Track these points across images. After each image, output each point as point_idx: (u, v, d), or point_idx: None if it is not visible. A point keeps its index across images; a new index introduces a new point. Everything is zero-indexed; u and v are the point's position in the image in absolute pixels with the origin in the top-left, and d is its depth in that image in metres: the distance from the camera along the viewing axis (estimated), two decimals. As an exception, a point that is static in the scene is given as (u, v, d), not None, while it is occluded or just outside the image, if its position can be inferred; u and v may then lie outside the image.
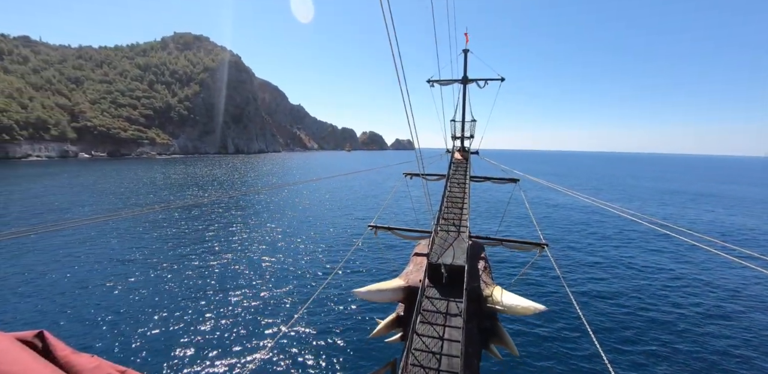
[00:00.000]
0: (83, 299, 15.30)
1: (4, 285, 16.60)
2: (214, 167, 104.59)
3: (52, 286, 16.50)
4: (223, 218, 29.79)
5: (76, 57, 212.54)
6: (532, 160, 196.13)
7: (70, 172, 79.52)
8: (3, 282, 16.93)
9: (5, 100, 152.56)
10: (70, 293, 15.78)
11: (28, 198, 38.30)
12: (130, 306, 15.02)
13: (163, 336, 12.95)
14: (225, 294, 16.08)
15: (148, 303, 15.32)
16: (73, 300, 15.14)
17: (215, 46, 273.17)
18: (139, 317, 14.13)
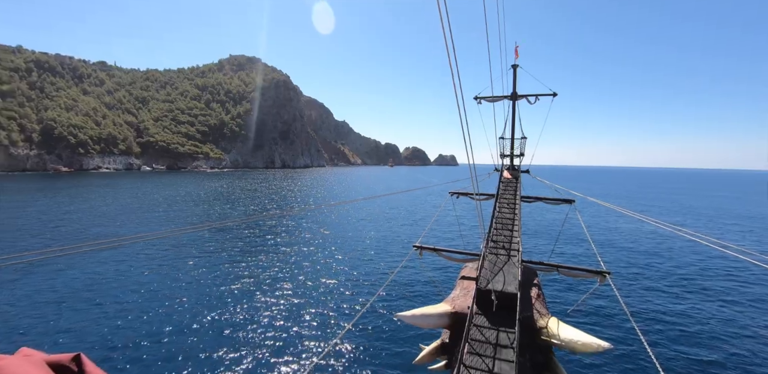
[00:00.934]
0: (127, 320, 14.52)
1: (43, 301, 16.10)
2: (261, 181, 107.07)
3: (93, 305, 15.88)
4: (267, 236, 29.09)
5: (144, 79, 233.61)
6: (582, 178, 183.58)
7: (133, 184, 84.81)
8: (41, 298, 16.44)
9: (83, 118, 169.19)
10: (113, 312, 15.10)
11: (86, 210, 39.93)
12: (172, 326, 14.30)
13: (202, 358, 12.25)
14: (265, 315, 15.25)
15: (190, 321, 14.67)
16: (116, 320, 14.43)
17: (266, 67, 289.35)
18: (182, 338, 13.42)
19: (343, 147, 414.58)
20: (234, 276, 19.88)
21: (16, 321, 14.35)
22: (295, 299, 16.99)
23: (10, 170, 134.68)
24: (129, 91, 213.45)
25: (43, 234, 29.41)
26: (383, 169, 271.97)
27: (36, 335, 13.31)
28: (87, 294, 17.16)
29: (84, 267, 21.05)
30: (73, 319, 14.53)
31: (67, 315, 14.85)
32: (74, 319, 14.53)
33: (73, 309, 15.42)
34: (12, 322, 14.26)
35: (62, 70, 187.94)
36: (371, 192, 68.58)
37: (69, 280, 18.98)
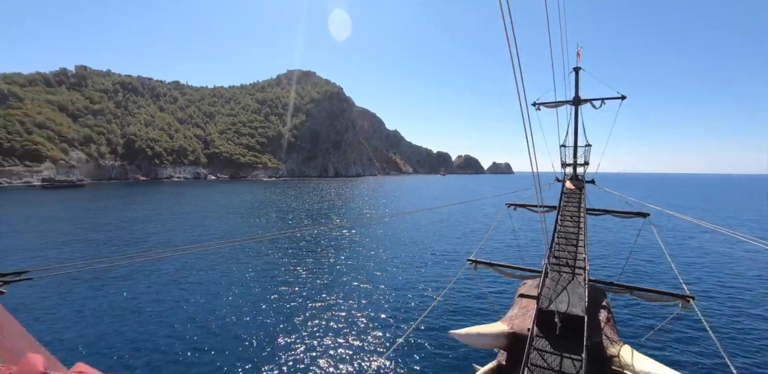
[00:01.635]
0: (182, 332, 14.15)
1: (99, 310, 16.04)
2: (313, 190, 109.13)
3: (154, 315, 15.66)
4: (318, 247, 28.54)
5: (211, 95, 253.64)
6: (657, 187, 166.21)
7: (200, 192, 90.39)
8: (95, 305, 16.44)
9: (159, 132, 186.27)
10: (170, 323, 14.77)
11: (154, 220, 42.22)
12: (222, 334, 14.01)
13: (249, 368, 11.74)
14: (314, 328, 14.53)
15: (241, 331, 14.29)
16: (171, 331, 14.13)
17: (320, 80, 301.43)
18: (231, 347, 13.06)
19: (394, 156, 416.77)
20: (285, 287, 19.22)
21: (78, 329, 14.20)
22: (344, 312, 16.18)
23: (99, 179, 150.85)
24: (198, 106, 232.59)
25: (112, 241, 31.08)
26: (435, 178, 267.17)
27: (91, 346, 12.98)
28: (148, 303, 16.94)
29: (152, 275, 21.12)
30: (128, 329, 14.19)
31: (125, 325, 14.58)
32: (129, 329, 14.19)
33: (131, 319, 15.19)
34: (72, 331, 14.10)
35: (143, 89, 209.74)
36: (423, 202, 66.05)
37: (129, 288, 18.98)
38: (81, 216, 45.74)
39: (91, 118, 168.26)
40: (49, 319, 15.06)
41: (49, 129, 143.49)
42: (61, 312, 15.81)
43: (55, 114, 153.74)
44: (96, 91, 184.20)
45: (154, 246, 28.26)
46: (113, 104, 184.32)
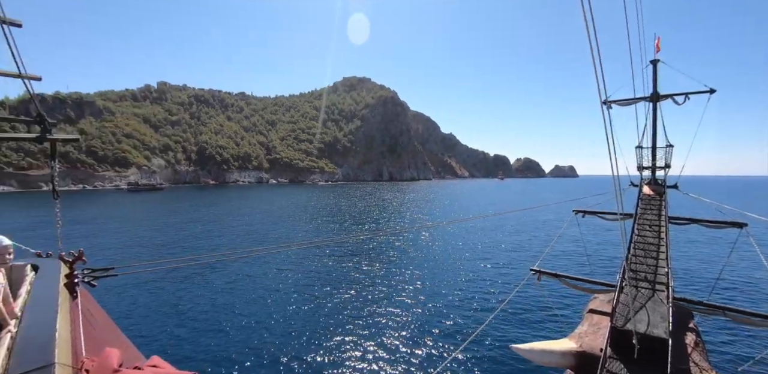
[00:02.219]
0: (243, 332, 13.95)
1: (168, 311, 16.09)
2: (368, 194, 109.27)
3: (208, 317, 15.62)
4: (372, 254, 27.30)
5: (273, 104, 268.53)
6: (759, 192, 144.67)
7: (264, 194, 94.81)
8: (165, 308, 16.48)
9: (227, 140, 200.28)
10: (228, 327, 14.49)
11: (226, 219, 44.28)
12: (273, 337, 13.65)
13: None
14: (363, 337, 13.66)
15: (295, 333, 13.87)
16: (234, 336, 13.80)
17: (374, 85, 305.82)
18: (287, 351, 12.59)
19: (449, 159, 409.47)
20: (338, 294, 18.38)
21: (153, 323, 14.48)
22: (397, 320, 15.03)
23: (175, 183, 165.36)
24: (261, 115, 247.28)
25: (186, 241, 32.46)
26: (492, 182, 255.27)
27: (163, 339, 13.15)
28: (217, 301, 16.95)
29: (222, 275, 21.29)
30: (198, 325, 14.31)
31: (195, 321, 14.74)
32: (199, 325, 14.30)
33: (201, 316, 15.33)
34: (147, 324, 14.38)
35: (213, 101, 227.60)
36: (480, 208, 61.84)
37: (200, 287, 19.17)
38: (161, 217, 49.18)
39: (170, 128, 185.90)
40: (127, 312, 15.48)
41: (135, 138, 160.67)
42: (137, 307, 16.21)
43: (140, 125, 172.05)
44: (174, 104, 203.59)
45: (221, 248, 28.77)
46: (188, 115, 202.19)
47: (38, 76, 3.84)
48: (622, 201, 5.03)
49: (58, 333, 2.35)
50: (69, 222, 42.09)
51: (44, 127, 3.77)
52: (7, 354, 2.12)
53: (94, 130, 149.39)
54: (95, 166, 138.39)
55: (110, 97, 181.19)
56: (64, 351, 2.21)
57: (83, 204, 68.23)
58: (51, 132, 3.84)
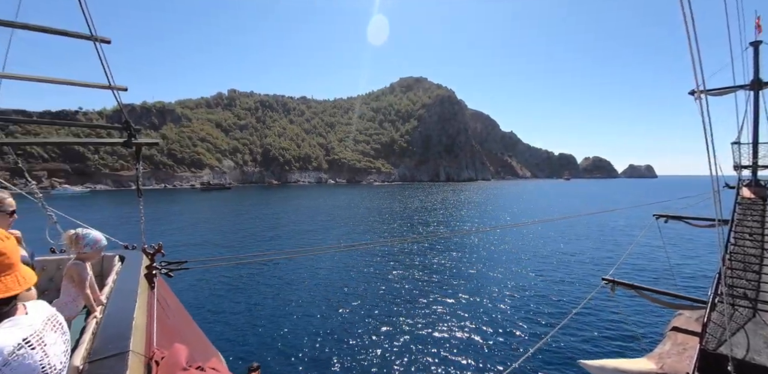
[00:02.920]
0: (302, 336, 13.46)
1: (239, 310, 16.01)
2: (426, 195, 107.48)
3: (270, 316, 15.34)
4: (424, 257, 25.82)
5: (332, 107, 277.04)
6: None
7: (323, 194, 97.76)
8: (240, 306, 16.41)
9: (289, 142, 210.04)
10: (287, 326, 14.22)
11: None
12: (328, 337, 13.01)
13: None
14: (418, 346, 12.50)
15: (355, 335, 13.13)
16: (289, 335, 13.54)
17: (431, 85, 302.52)
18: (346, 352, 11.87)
19: (510, 159, 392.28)
20: (391, 298, 17.41)
21: (218, 317, 14.59)
22: (455, 330, 13.83)
23: (243, 182, 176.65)
24: (321, 118, 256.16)
25: (251, 239, 33.44)
26: (556, 183, 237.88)
27: (226, 334, 13.03)
28: (281, 299, 16.79)
29: (285, 273, 21.25)
30: (261, 322, 14.16)
31: (257, 318, 14.62)
32: (262, 321, 14.16)
33: (263, 313, 15.19)
34: (214, 317, 14.50)
35: (276, 105, 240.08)
36: (542, 211, 57.04)
37: (266, 284, 19.11)
38: (230, 214, 51.94)
39: (238, 131, 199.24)
40: (195, 304, 15.66)
41: (209, 142, 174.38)
42: (205, 299, 16.43)
43: (212, 130, 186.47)
44: (242, 110, 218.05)
45: (284, 245, 29.11)
46: (255, 119, 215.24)
47: (124, 86, 4.21)
48: (721, 205, 4.27)
49: (135, 322, 2.47)
50: (151, 218, 45.70)
51: (130, 133, 4.18)
52: (92, 338, 2.26)
53: (174, 134, 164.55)
54: (174, 167, 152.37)
55: (188, 105, 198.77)
56: (138, 340, 2.31)
57: (165, 202, 74.75)
58: (136, 137, 4.24)
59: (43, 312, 1.32)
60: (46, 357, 1.16)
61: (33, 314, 1.29)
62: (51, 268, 4.14)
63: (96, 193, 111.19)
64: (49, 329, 1.26)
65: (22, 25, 3.62)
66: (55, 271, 4.12)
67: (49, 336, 1.23)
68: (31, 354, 1.12)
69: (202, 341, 4.78)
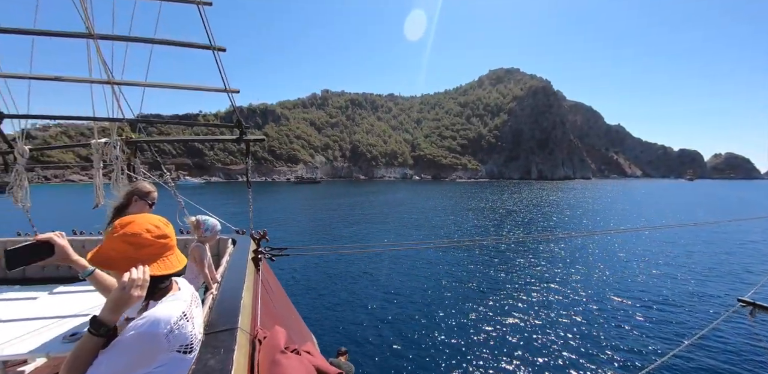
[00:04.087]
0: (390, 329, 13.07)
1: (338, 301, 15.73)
2: (514, 193, 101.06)
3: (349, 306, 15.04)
4: (517, 261, 23.38)
5: (420, 103, 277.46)
6: None
7: (408, 189, 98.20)
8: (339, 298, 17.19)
9: (376, 139, 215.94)
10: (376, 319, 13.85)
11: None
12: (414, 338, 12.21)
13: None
14: (524, 349, 11.35)
15: (442, 333, 12.30)
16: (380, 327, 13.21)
17: (524, 76, 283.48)
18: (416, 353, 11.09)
19: (615, 155, 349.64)
20: (488, 299, 15.67)
21: (313, 304, 14.81)
22: (550, 345, 11.70)
23: (332, 177, 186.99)
24: (408, 114, 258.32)
25: (340, 230, 34.48)
26: (676, 183, 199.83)
27: (319, 321, 13.14)
28: (372, 290, 16.63)
29: (373, 264, 21.14)
30: (352, 312, 14.10)
31: (349, 307, 14.55)
32: (353, 311, 14.09)
33: (354, 303, 15.06)
34: (309, 304, 14.77)
35: (365, 103, 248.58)
36: (657, 214, 48.08)
37: (359, 274, 19.11)
38: (322, 205, 54.88)
39: (330, 129, 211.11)
40: (293, 289, 16.03)
41: (303, 139, 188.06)
42: (303, 285, 16.92)
43: (307, 128, 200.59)
44: (334, 108, 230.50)
45: (374, 238, 29.05)
46: (345, 117, 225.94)
47: (237, 89, 4.66)
48: None
49: (243, 301, 2.65)
50: (254, 207, 50.39)
51: (241, 131, 4.80)
52: (209, 313, 2.43)
53: (274, 133, 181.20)
54: (274, 162, 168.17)
55: (287, 106, 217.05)
56: (245, 318, 2.48)
57: (266, 193, 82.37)
58: (246, 134, 4.82)
59: (189, 289, 1.50)
60: (193, 328, 1.33)
61: (184, 290, 1.46)
62: (179, 247, 4.31)
63: (210, 184, 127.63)
64: (194, 304, 1.44)
65: (161, 41, 4.46)
66: (181, 250, 4.27)
67: (195, 310, 1.41)
68: (186, 325, 1.30)
69: (299, 324, 4.97)
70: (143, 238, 1.30)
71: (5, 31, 4.33)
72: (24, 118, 5.00)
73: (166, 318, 1.23)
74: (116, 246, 1.28)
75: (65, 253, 1.60)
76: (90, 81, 4.64)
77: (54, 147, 6.45)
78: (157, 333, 1.20)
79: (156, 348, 1.20)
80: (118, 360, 1.14)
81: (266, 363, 2.07)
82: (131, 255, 1.27)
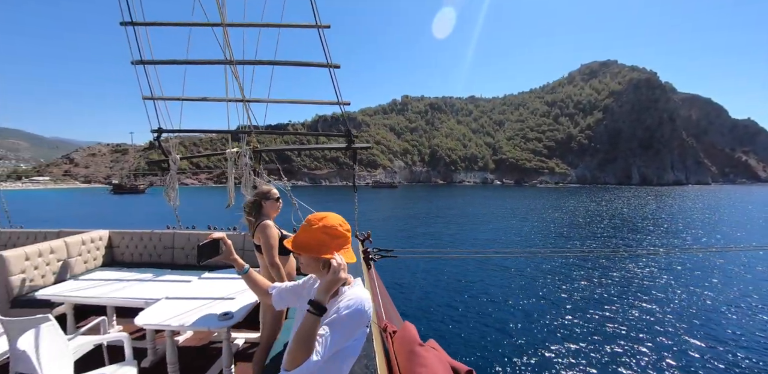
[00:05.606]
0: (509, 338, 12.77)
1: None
2: (612, 202, 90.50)
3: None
4: (629, 276, 21.83)
5: (502, 104, 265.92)
6: None
7: (489, 195, 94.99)
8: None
9: (455, 142, 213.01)
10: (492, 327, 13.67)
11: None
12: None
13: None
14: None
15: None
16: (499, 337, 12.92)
17: (623, 68, 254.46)
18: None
19: (745, 155, 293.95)
20: (606, 312, 14.92)
21: (418, 305, 15.05)
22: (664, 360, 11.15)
23: (410, 182, 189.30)
24: (489, 116, 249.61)
25: (435, 235, 35.13)
26: None
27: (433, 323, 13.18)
28: (473, 293, 16.66)
29: (476, 270, 20.86)
30: (454, 316, 13.96)
31: (450, 311, 14.47)
32: (455, 316, 13.94)
33: (455, 307, 14.90)
34: (415, 305, 15.08)
35: (444, 107, 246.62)
36: None
37: (462, 278, 18.95)
38: (401, 210, 56.38)
39: (409, 134, 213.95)
40: (395, 291, 16.46)
41: (383, 144, 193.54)
42: (406, 287, 17.23)
43: (386, 133, 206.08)
44: (413, 113, 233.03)
45: (470, 244, 29.11)
46: (424, 122, 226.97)
47: (348, 101, 5.13)
48: None
49: None
50: (340, 209, 53.60)
51: (349, 139, 5.13)
52: None
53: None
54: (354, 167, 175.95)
55: (368, 113, 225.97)
56: (373, 312, 2.53)
57: (348, 195, 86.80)
58: (354, 142, 5.16)
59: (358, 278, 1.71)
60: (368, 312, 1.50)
61: (357, 278, 1.68)
62: None
63: (296, 188, 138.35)
64: None
65: (285, 62, 5.20)
66: None
67: None
68: (371, 307, 1.50)
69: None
70: (337, 230, 1.53)
71: (166, 62, 5.53)
72: (178, 132, 6.07)
73: (367, 299, 1.47)
74: (316, 236, 1.50)
75: (231, 252, 1.92)
76: (228, 100, 5.49)
77: (199, 155, 7.80)
78: (364, 311, 1.42)
79: (360, 323, 1.43)
80: (336, 335, 1.36)
81: (404, 353, 2.16)
82: (327, 244, 1.50)
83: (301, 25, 5.01)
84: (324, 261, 1.50)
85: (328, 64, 4.60)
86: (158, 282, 4.15)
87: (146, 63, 5.37)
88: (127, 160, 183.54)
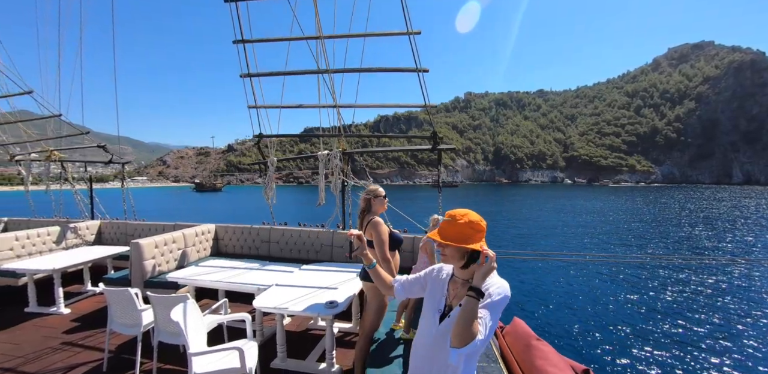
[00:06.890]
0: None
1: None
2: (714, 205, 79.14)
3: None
4: (712, 283, 19.78)
5: (574, 97, 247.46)
6: None
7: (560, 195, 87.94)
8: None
9: (521, 140, 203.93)
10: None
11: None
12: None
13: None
14: None
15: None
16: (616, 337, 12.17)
17: (721, 49, 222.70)
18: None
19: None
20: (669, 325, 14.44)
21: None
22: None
23: (473, 181, 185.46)
24: (560, 110, 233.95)
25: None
26: None
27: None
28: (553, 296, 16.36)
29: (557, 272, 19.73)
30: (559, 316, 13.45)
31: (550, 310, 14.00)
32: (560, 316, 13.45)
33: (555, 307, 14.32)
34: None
35: (511, 103, 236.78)
36: None
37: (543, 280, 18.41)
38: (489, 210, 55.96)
39: (472, 132, 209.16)
40: None
41: (444, 143, 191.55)
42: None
43: (449, 131, 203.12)
44: (477, 111, 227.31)
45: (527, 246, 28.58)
46: (488, 119, 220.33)
47: (435, 104, 5.49)
48: None
49: None
50: (407, 209, 54.49)
51: (435, 141, 5.53)
52: None
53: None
54: (416, 166, 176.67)
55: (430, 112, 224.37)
56: None
57: (406, 192, 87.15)
58: (439, 144, 5.55)
59: None
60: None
61: None
62: (407, 244, 5.64)
63: (356, 188, 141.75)
64: None
65: (377, 69, 5.62)
66: (410, 245, 5.71)
67: None
68: None
69: None
70: (479, 225, 1.64)
71: (270, 74, 6.01)
72: (276, 137, 6.46)
73: (508, 286, 1.60)
74: (462, 229, 1.62)
75: (365, 247, 2.13)
76: (321, 106, 5.84)
77: (293, 157, 8.14)
78: (508, 296, 1.57)
79: (503, 307, 1.58)
80: (494, 316, 1.52)
81: (519, 346, 2.24)
82: (471, 236, 1.61)
83: (393, 33, 5.16)
84: (464, 252, 1.63)
85: (417, 68, 4.80)
86: (264, 271, 4.50)
87: (252, 76, 5.90)
88: (209, 161, 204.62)
